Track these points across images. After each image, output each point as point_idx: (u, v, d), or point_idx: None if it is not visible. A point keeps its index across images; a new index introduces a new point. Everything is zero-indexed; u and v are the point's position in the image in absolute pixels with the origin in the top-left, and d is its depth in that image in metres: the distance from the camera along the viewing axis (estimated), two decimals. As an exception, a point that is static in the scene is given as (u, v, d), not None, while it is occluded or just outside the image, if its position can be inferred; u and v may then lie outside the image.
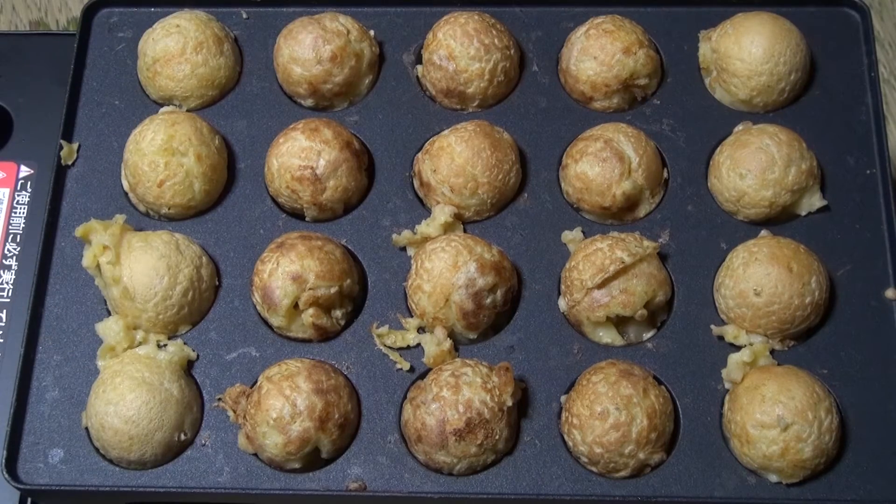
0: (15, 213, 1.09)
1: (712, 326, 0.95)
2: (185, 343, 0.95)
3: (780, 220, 0.99)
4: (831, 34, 1.07)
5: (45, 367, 0.95)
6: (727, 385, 0.92)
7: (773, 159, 0.97)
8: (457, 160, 0.98)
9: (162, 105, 1.06)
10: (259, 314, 0.97)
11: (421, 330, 0.95)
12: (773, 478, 0.89)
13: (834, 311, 0.95)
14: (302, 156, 0.98)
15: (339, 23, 1.05)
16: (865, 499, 0.88)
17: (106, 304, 0.97)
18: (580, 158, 0.99)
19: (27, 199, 1.10)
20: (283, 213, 1.01)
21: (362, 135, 1.04)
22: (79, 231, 0.95)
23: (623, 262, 0.92)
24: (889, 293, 0.95)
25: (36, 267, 0.98)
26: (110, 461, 0.91)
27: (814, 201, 0.98)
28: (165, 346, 0.94)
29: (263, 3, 1.11)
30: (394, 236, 0.98)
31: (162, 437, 0.90)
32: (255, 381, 0.93)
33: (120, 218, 0.97)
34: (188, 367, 0.95)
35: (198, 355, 0.95)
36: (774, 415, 0.87)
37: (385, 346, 0.95)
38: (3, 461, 0.91)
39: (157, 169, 0.99)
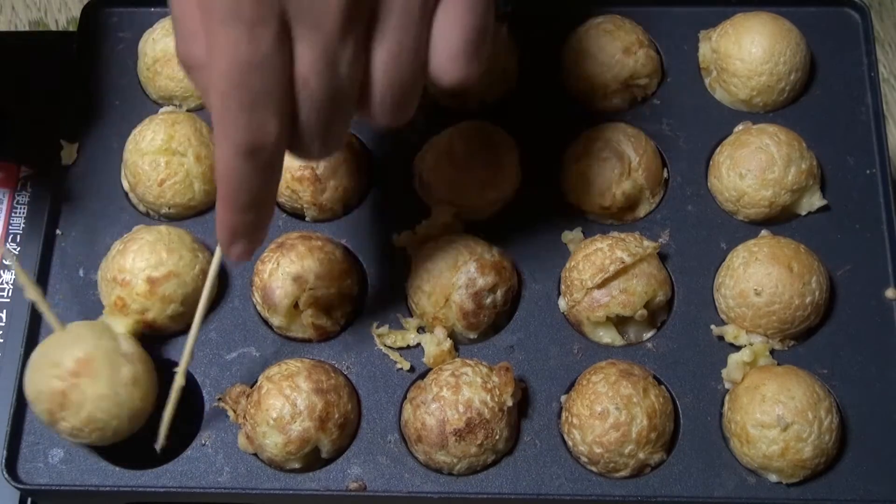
0: (15, 213, 1.09)
1: (712, 326, 0.95)
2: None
3: (780, 220, 0.99)
4: (831, 34, 1.07)
5: (45, 367, 0.95)
6: (727, 385, 0.92)
7: (772, 159, 0.97)
8: (457, 160, 0.98)
9: (162, 105, 1.06)
10: (259, 314, 0.97)
11: (421, 330, 0.95)
12: (773, 478, 0.89)
13: (834, 311, 0.95)
14: (302, 156, 0.98)
15: (339, 23, 1.05)
16: (865, 499, 0.88)
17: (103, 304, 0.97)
18: (580, 158, 0.99)
19: (27, 199, 1.10)
20: (283, 213, 1.01)
21: (362, 135, 1.04)
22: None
23: (623, 262, 0.92)
24: (889, 293, 0.95)
25: (36, 267, 0.98)
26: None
27: (814, 201, 0.98)
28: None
29: (263, 3, 1.11)
30: (394, 236, 0.98)
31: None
32: (255, 381, 0.93)
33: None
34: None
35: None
36: (774, 415, 0.87)
37: (385, 346, 0.95)
38: (3, 461, 0.91)
39: (158, 168, 0.99)
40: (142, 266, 0.94)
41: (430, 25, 0.73)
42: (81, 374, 0.87)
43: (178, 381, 0.90)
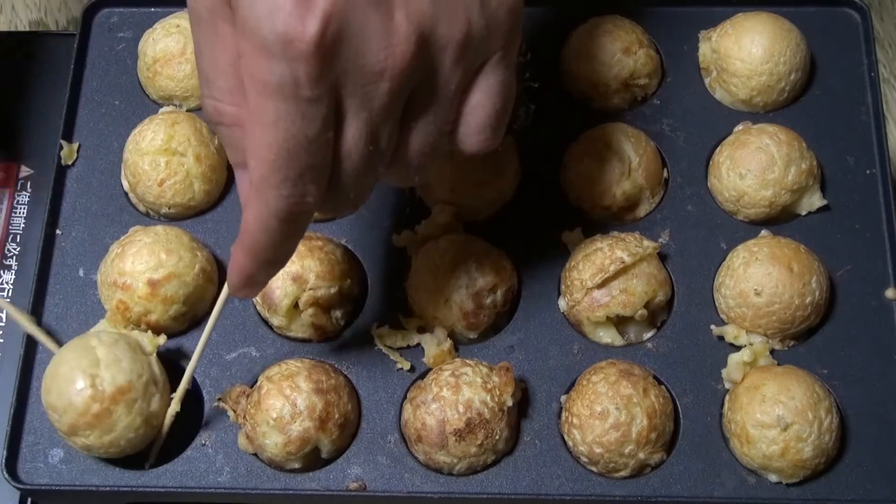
0: (15, 213, 1.09)
1: (712, 326, 0.95)
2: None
3: (780, 220, 0.99)
4: (831, 34, 1.07)
5: (44, 367, 0.95)
6: (727, 385, 0.92)
7: (772, 159, 0.97)
8: (456, 160, 0.98)
9: (162, 105, 1.06)
10: (259, 314, 0.97)
11: (421, 330, 0.95)
12: (773, 478, 0.89)
13: (834, 311, 0.95)
14: (302, 156, 0.98)
15: (339, 23, 1.05)
16: (865, 499, 0.88)
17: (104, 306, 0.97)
18: (580, 158, 0.99)
19: (27, 199, 1.10)
20: (283, 213, 1.01)
21: (362, 135, 1.04)
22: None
23: (623, 262, 0.92)
24: (889, 293, 0.95)
25: (36, 267, 0.98)
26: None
27: (814, 201, 0.98)
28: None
29: (263, 3, 1.11)
30: (394, 236, 0.98)
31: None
32: (255, 381, 0.93)
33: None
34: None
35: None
36: (774, 415, 0.87)
37: (385, 346, 0.95)
38: (3, 461, 0.91)
39: (158, 168, 0.99)
40: (141, 269, 0.93)
41: (462, 103, 0.77)
42: (119, 402, 0.87)
43: (174, 406, 0.90)
